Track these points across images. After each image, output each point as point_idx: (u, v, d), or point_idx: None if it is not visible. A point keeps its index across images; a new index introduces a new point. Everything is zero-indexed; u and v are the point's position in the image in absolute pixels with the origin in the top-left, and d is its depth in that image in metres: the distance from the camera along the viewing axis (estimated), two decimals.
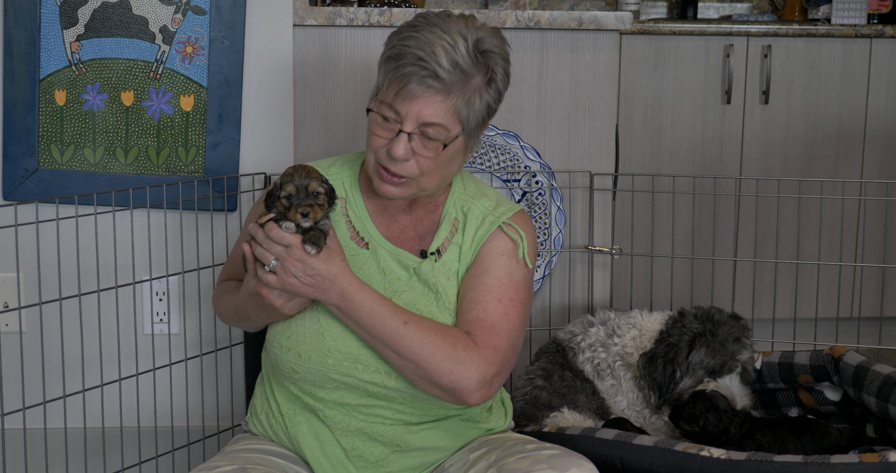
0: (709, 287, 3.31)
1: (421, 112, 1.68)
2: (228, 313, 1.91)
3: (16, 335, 2.47)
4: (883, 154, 3.68)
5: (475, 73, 1.70)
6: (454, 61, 1.67)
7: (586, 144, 2.62)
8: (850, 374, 2.17)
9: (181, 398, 2.50)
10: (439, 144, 1.71)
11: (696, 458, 1.82)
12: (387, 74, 1.70)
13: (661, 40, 3.58)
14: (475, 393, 1.69)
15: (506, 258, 1.81)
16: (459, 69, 1.68)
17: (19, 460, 2.25)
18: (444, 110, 1.69)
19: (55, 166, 2.45)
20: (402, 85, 1.67)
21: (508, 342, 1.75)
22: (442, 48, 1.66)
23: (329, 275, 1.68)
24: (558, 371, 2.28)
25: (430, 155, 1.71)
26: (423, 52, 1.66)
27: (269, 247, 1.66)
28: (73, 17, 2.41)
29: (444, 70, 1.66)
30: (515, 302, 1.78)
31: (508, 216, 1.84)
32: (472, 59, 1.69)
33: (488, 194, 1.89)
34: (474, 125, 1.74)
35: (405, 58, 1.67)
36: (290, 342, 1.77)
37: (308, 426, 1.82)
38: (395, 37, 1.72)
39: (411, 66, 1.66)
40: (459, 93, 1.69)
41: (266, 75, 2.48)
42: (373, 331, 1.70)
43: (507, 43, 1.78)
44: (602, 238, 2.64)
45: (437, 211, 1.86)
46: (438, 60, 1.66)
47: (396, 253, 1.82)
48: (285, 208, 1.67)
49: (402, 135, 1.69)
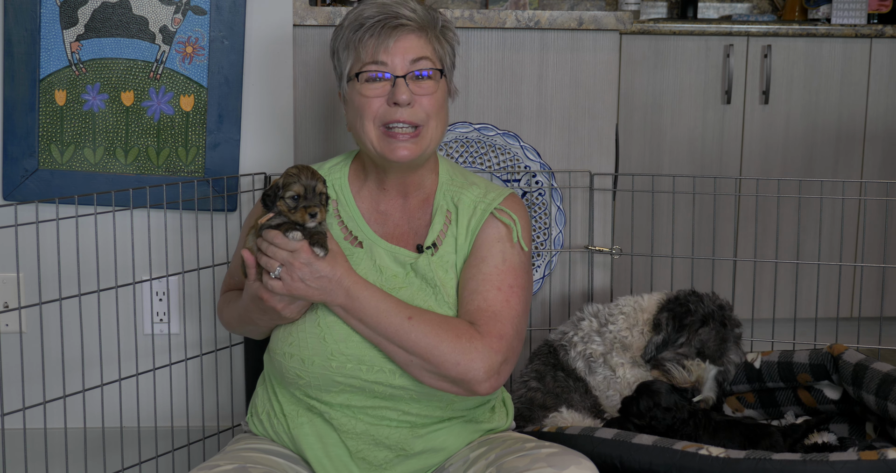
0: (709, 287, 3.30)
1: (406, 53, 1.77)
2: (234, 320, 1.92)
3: (16, 335, 2.47)
4: (883, 154, 3.68)
5: (431, 20, 1.82)
6: (413, 9, 1.79)
7: (586, 144, 2.62)
8: (849, 372, 2.17)
9: (181, 399, 2.50)
10: (432, 82, 1.78)
11: (695, 457, 1.82)
12: (359, 40, 1.78)
13: (661, 40, 3.58)
14: (484, 383, 1.70)
15: (501, 245, 1.82)
16: (418, 14, 1.79)
17: (19, 460, 2.25)
18: (424, 44, 1.79)
19: (55, 166, 2.45)
20: (380, 38, 1.76)
21: (513, 329, 1.75)
22: (396, 3, 1.79)
23: (335, 276, 1.69)
24: (551, 372, 2.28)
25: (428, 92, 1.78)
26: (383, 10, 1.78)
27: (273, 254, 1.67)
28: (73, 17, 2.41)
29: (409, 13, 1.78)
30: (515, 288, 1.79)
31: (499, 202, 1.85)
32: (423, 10, 1.81)
33: (476, 182, 1.89)
34: (449, 65, 1.85)
35: (370, 19, 1.79)
36: (293, 348, 1.77)
37: (311, 426, 1.82)
38: (347, 18, 1.82)
39: (380, 22, 1.77)
40: (430, 30, 1.80)
41: (266, 75, 2.49)
42: (378, 328, 1.70)
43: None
44: (602, 238, 2.64)
45: (428, 203, 1.87)
46: (400, 10, 1.78)
47: (393, 250, 1.82)
48: (290, 208, 1.67)
49: (399, 80, 1.76)
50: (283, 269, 1.67)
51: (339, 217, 1.86)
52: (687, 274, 3.19)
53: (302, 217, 1.67)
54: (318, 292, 1.69)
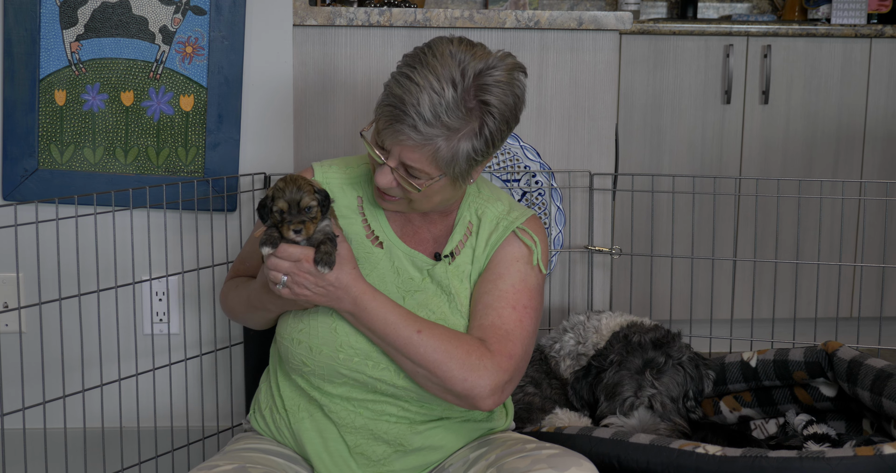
0: (708, 287, 3.31)
1: (402, 154, 1.67)
2: (240, 305, 1.91)
3: (15, 335, 2.47)
4: (882, 154, 3.68)
5: (461, 125, 1.65)
6: (436, 114, 1.62)
7: (586, 143, 2.62)
8: (843, 369, 2.17)
9: (181, 398, 2.50)
10: (422, 181, 1.69)
11: (692, 455, 1.82)
12: (381, 102, 1.68)
13: (661, 40, 3.58)
14: (487, 400, 1.71)
15: (520, 264, 1.82)
16: (441, 123, 1.63)
17: (19, 460, 2.25)
18: (423, 158, 1.66)
19: (55, 166, 2.46)
20: (387, 124, 1.66)
21: (522, 350, 1.76)
22: (428, 97, 1.62)
23: (341, 285, 1.68)
24: (546, 380, 2.29)
25: (412, 188, 1.71)
26: (408, 99, 1.63)
27: (276, 266, 1.66)
28: (72, 17, 2.41)
29: (423, 123, 1.62)
30: (529, 309, 1.80)
31: (522, 221, 1.85)
32: (460, 110, 1.64)
33: (502, 198, 1.90)
34: (458, 172, 1.69)
35: (393, 98, 1.65)
36: (302, 335, 1.78)
37: (312, 422, 1.82)
38: (401, 63, 1.69)
39: (396, 109, 1.64)
40: (441, 143, 1.65)
41: (266, 75, 2.49)
42: (386, 338, 1.71)
43: (522, 72, 1.72)
44: (602, 238, 2.64)
45: (451, 215, 1.87)
46: (420, 111, 1.62)
47: (411, 255, 1.83)
48: (278, 221, 1.66)
49: (385, 167, 1.70)
50: (288, 278, 1.66)
51: (362, 215, 1.86)
52: (687, 274, 3.19)
53: (287, 233, 1.64)
54: (324, 298, 1.69)
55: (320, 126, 2.57)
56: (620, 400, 2.17)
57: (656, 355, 2.19)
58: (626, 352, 2.19)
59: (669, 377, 2.19)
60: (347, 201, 1.86)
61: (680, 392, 2.20)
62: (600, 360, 2.21)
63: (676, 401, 2.19)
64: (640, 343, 2.20)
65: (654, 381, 2.17)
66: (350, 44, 2.54)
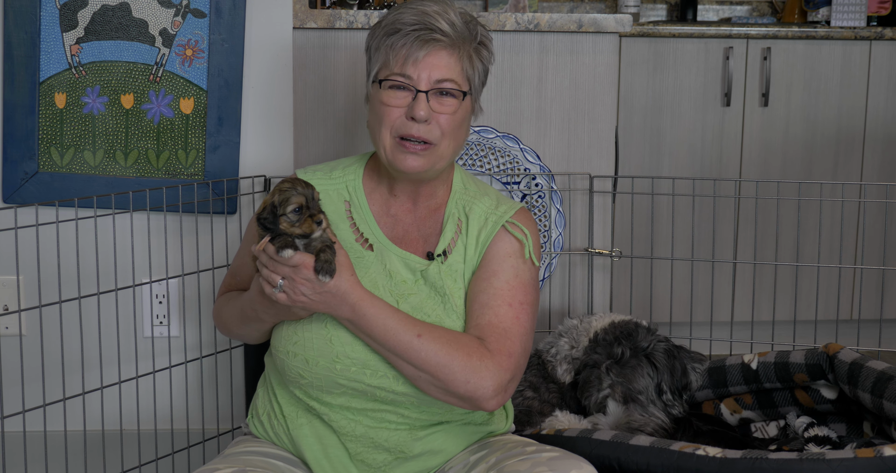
0: (709, 289, 3.31)
1: (433, 70, 1.76)
2: (234, 319, 1.90)
3: (15, 337, 2.47)
4: (882, 156, 3.68)
5: (469, 35, 1.80)
6: (451, 22, 1.77)
7: (586, 146, 2.62)
8: (844, 371, 2.17)
9: (181, 401, 2.50)
10: (455, 101, 1.77)
11: (692, 457, 1.82)
12: (391, 47, 1.77)
13: (661, 43, 3.58)
14: (491, 400, 1.71)
15: (513, 260, 1.82)
16: (456, 29, 1.78)
17: (19, 463, 2.25)
18: (453, 64, 1.77)
19: (55, 169, 2.46)
20: (411, 49, 1.75)
21: (521, 347, 1.76)
22: (436, 13, 1.77)
23: (339, 292, 1.67)
24: (544, 384, 2.29)
25: (448, 111, 1.77)
26: (422, 19, 1.76)
27: (275, 269, 1.66)
28: (72, 19, 2.41)
29: (446, 28, 1.76)
30: (525, 305, 1.79)
31: (510, 215, 1.84)
32: (463, 23, 1.80)
33: (489, 193, 1.89)
34: (477, 85, 1.83)
35: (406, 26, 1.77)
36: (297, 347, 1.77)
37: (310, 427, 1.82)
38: (386, 18, 1.80)
39: (415, 31, 1.76)
40: (463, 49, 1.78)
41: (266, 78, 2.49)
42: (386, 344, 1.70)
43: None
44: (602, 241, 2.64)
45: (439, 211, 1.87)
46: (438, 23, 1.76)
47: (403, 256, 1.82)
48: (293, 222, 1.65)
49: (420, 95, 1.76)
50: (285, 282, 1.66)
51: (351, 219, 1.86)
52: (687, 276, 3.20)
53: (309, 227, 1.64)
54: (322, 305, 1.68)
55: (320, 129, 2.57)
56: (592, 399, 2.18)
57: (619, 348, 2.19)
58: (592, 351, 2.20)
59: (631, 369, 2.17)
60: (335, 206, 1.86)
61: (648, 384, 2.18)
62: (580, 364, 2.23)
63: (645, 393, 2.18)
64: (605, 340, 2.21)
65: (611, 372, 2.16)
66: (350, 46, 2.54)
